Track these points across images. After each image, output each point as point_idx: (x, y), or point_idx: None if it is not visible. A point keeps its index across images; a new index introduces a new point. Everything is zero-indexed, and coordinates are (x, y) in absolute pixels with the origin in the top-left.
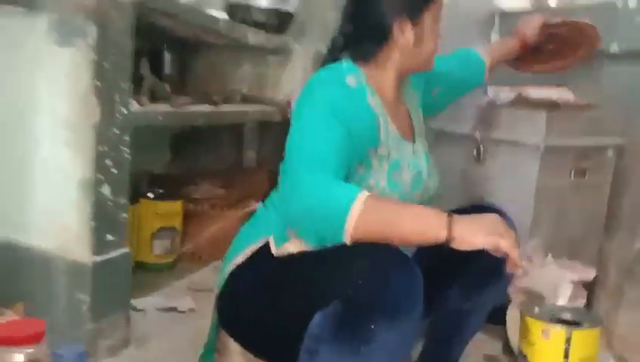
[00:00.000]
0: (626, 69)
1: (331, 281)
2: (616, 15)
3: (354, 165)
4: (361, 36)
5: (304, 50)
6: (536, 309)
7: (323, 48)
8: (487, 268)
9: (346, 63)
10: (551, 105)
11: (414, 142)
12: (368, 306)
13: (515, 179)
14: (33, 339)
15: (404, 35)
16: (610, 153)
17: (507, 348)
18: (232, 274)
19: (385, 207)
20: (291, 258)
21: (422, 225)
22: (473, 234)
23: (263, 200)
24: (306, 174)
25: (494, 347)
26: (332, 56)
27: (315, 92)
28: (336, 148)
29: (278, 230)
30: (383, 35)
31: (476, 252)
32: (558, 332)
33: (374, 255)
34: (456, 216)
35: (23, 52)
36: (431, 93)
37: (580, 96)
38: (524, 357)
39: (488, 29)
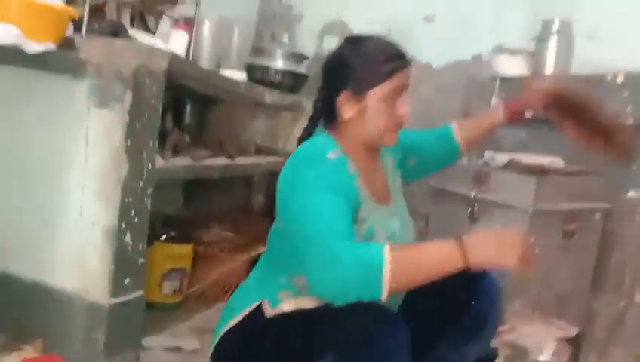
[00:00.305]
0: None
1: (324, 335)
2: (604, 88)
3: None
4: (323, 109)
5: None
6: None
7: None
8: (474, 320)
9: (323, 137)
10: (541, 171)
11: (390, 204)
12: (361, 355)
13: None
14: None
15: (345, 109)
16: (597, 216)
17: None
18: (225, 335)
19: (407, 255)
20: (284, 318)
21: (440, 263)
22: (488, 261)
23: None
24: (332, 244)
25: None
26: (311, 125)
27: (302, 173)
28: (342, 215)
29: (271, 294)
30: (331, 108)
31: (464, 304)
32: None
33: (363, 312)
34: (467, 244)
35: (66, 111)
36: (407, 162)
37: (570, 163)
38: None
39: (490, 91)
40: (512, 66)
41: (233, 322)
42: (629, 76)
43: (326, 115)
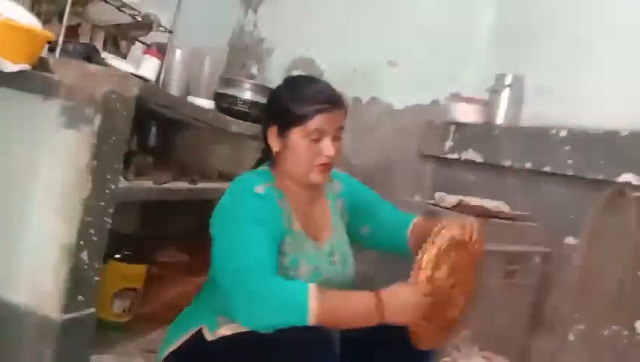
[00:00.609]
0: (554, 188)
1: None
2: (548, 140)
3: None
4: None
5: None
6: None
7: None
8: (408, 355)
9: (261, 170)
10: (487, 214)
11: (324, 241)
12: None
13: None
14: None
15: (272, 140)
16: (537, 259)
17: None
18: (166, 359)
19: (332, 294)
20: (223, 342)
21: (359, 316)
22: (402, 318)
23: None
24: (255, 278)
25: None
26: (261, 158)
27: (231, 206)
28: (268, 250)
29: (210, 319)
30: (265, 140)
31: (400, 335)
32: None
33: (295, 333)
34: (386, 303)
35: (35, 130)
36: (360, 228)
37: (514, 205)
38: None
39: (445, 135)
40: (467, 113)
41: (173, 347)
42: (570, 132)
43: (264, 150)
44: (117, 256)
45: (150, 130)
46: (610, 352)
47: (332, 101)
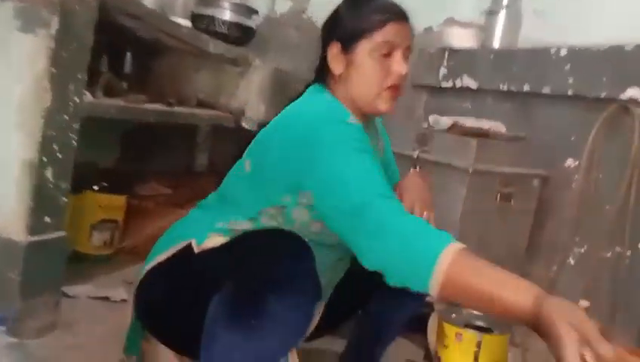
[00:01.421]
0: (553, 110)
1: (229, 267)
2: (548, 61)
3: None
4: (318, 67)
5: (263, 64)
6: (453, 315)
7: (282, 65)
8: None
9: (328, 97)
10: (482, 134)
11: None
12: (258, 281)
13: (445, 198)
14: None
15: (333, 61)
16: (535, 183)
17: (428, 355)
18: (151, 271)
19: (476, 265)
20: (208, 253)
21: (509, 293)
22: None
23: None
24: (389, 211)
25: (416, 353)
26: (316, 77)
27: (326, 130)
28: (381, 174)
29: (202, 234)
30: (322, 60)
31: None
32: (470, 336)
33: (270, 238)
34: (551, 301)
35: None
36: None
37: (511, 129)
38: (439, 359)
39: (439, 62)
40: (462, 39)
41: (160, 258)
42: (571, 50)
43: (319, 74)
44: (94, 187)
45: (125, 56)
46: (612, 275)
47: (400, 11)
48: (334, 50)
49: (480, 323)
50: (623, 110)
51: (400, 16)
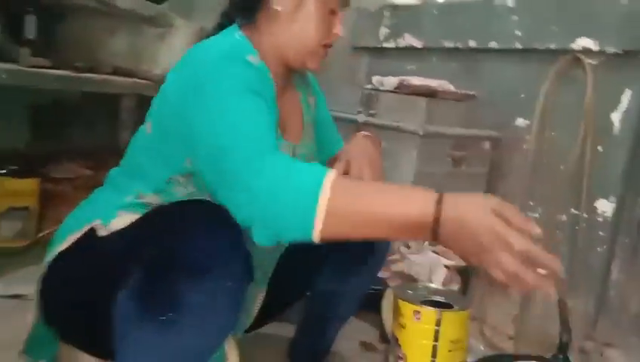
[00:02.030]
0: (502, 66)
1: (136, 250)
2: (493, 13)
3: None
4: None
5: (187, 25)
6: (409, 292)
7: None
8: (357, 252)
9: (237, 36)
10: (431, 93)
11: (297, 141)
12: (173, 263)
13: (395, 163)
14: None
15: None
16: (486, 145)
17: (383, 335)
18: (52, 264)
19: (358, 185)
20: (117, 235)
21: (402, 204)
22: (462, 254)
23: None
24: (256, 157)
25: (371, 334)
26: (222, 18)
27: (222, 68)
28: (268, 125)
29: (108, 213)
30: None
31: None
32: (429, 313)
33: (182, 211)
34: (446, 205)
35: None
36: None
37: (460, 87)
38: (396, 340)
39: (379, 21)
40: None
41: (61, 248)
42: (518, 0)
43: (245, 7)
44: (1, 171)
45: (25, 20)
46: (569, 237)
47: None
48: None
49: (438, 299)
50: (574, 61)
51: None
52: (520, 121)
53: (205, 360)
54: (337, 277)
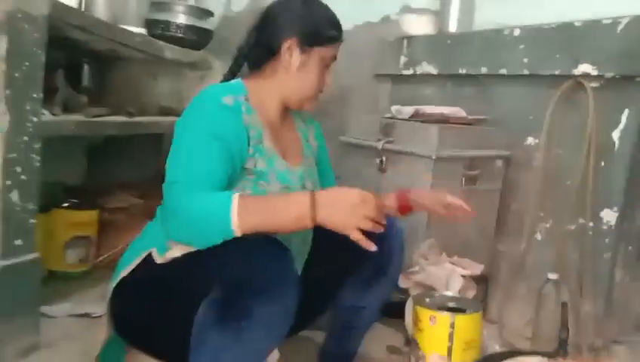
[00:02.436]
0: (511, 90)
1: (210, 273)
2: (503, 42)
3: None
4: (256, 45)
5: (225, 66)
6: (426, 300)
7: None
8: (374, 269)
9: (233, 82)
10: (443, 120)
11: (297, 166)
12: (243, 285)
13: (412, 184)
14: None
15: (290, 55)
16: (498, 163)
17: (407, 339)
18: (118, 287)
19: (257, 201)
20: (174, 262)
21: (290, 217)
22: (335, 223)
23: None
24: (184, 192)
25: (396, 339)
26: (232, 66)
27: (193, 114)
28: (216, 163)
29: (161, 241)
30: (272, 48)
31: (365, 254)
32: (443, 318)
33: (247, 244)
34: (318, 200)
35: None
36: None
37: (472, 112)
38: (416, 342)
39: (398, 51)
40: (419, 25)
41: (124, 273)
42: (524, 30)
43: (253, 59)
44: (63, 205)
45: (82, 70)
46: (578, 245)
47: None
48: (290, 45)
49: (453, 305)
50: (577, 85)
51: (342, 36)
52: (530, 140)
53: (264, 358)
54: (360, 289)
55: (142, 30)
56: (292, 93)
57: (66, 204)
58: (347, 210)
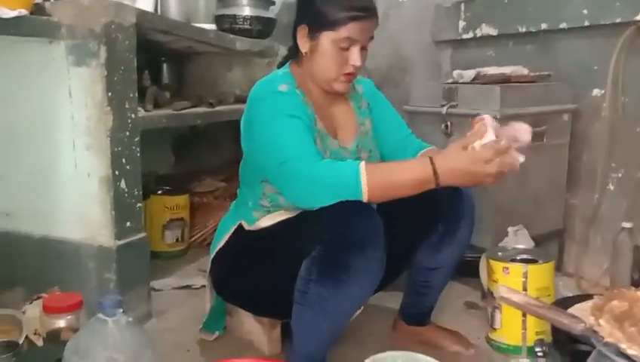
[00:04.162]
0: (573, 43)
1: (309, 235)
2: None
3: None
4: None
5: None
6: (499, 254)
7: None
8: (445, 231)
9: (281, 72)
10: (504, 80)
11: (350, 141)
12: (342, 243)
13: None
14: (72, 308)
15: (300, 41)
16: (565, 118)
17: (483, 294)
18: (216, 257)
19: (382, 167)
20: (268, 229)
21: (413, 182)
22: (458, 182)
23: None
24: (303, 164)
25: (473, 295)
26: (283, 61)
27: (259, 108)
28: (308, 137)
29: (246, 214)
30: (293, 36)
31: (437, 216)
32: (516, 268)
33: (338, 207)
34: (438, 166)
35: (47, 73)
36: None
37: (534, 70)
38: (491, 294)
39: (457, 16)
40: None
41: (220, 244)
42: None
43: (292, 49)
44: (158, 192)
45: (162, 68)
46: None
47: (367, 9)
48: (302, 32)
49: (525, 256)
50: (639, 32)
51: (363, 15)
52: (595, 92)
53: (358, 309)
54: (432, 251)
55: (212, 26)
56: (316, 77)
57: (160, 191)
58: (466, 176)
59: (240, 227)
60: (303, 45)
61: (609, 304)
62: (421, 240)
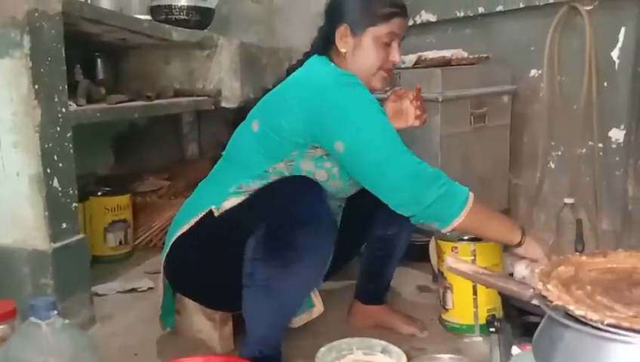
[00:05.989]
0: (509, 25)
1: (255, 214)
2: None
3: None
4: (321, 36)
5: (229, 42)
6: (447, 234)
7: (246, 39)
8: None
9: (332, 67)
10: (445, 63)
11: None
12: (287, 219)
13: (423, 130)
14: (4, 317)
15: (341, 41)
16: (505, 99)
17: (435, 277)
18: (176, 242)
19: (483, 211)
20: (227, 214)
21: (500, 233)
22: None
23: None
24: (407, 161)
25: (424, 279)
26: (313, 51)
27: (348, 92)
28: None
29: (217, 197)
30: (328, 37)
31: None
32: (464, 246)
33: (286, 185)
34: (527, 240)
35: None
36: None
37: (473, 53)
38: (442, 274)
39: None
40: None
41: (183, 229)
42: None
43: (322, 46)
44: (98, 193)
45: (96, 63)
46: (590, 167)
47: (404, 7)
48: (343, 32)
49: (472, 236)
50: (572, 11)
51: (403, 11)
52: (533, 72)
53: (311, 289)
54: (386, 218)
55: (147, 17)
56: (356, 74)
57: (100, 192)
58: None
59: (210, 213)
60: (344, 44)
61: (556, 270)
62: (373, 213)
